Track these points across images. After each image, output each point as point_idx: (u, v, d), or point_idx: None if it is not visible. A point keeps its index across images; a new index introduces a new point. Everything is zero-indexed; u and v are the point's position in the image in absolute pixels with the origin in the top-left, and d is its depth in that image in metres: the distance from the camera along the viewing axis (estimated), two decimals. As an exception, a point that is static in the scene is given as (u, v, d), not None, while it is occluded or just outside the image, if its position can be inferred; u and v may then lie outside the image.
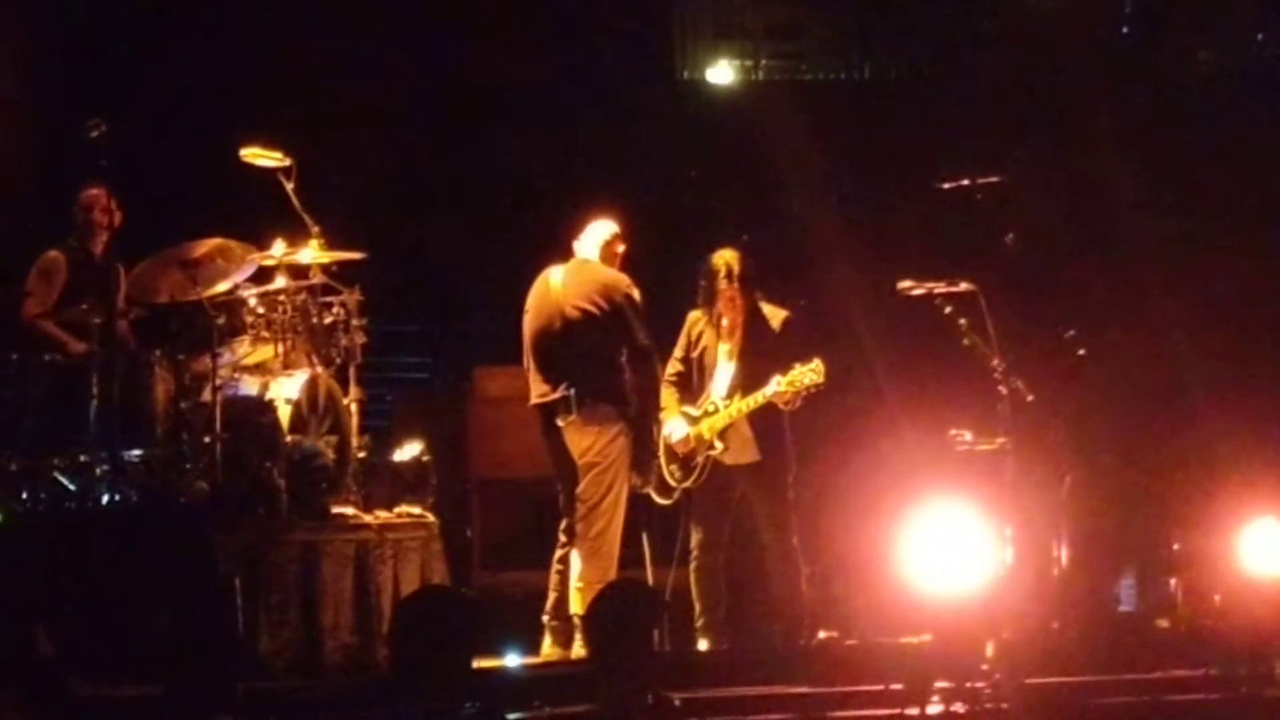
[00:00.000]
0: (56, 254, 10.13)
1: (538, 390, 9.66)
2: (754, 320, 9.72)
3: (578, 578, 9.47)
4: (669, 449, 9.74)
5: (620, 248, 9.85)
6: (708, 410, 9.68)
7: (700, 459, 9.66)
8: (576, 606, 9.38)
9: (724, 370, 9.74)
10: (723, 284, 9.66)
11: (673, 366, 9.86)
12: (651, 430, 9.69)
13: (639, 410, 9.63)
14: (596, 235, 9.84)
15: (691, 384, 9.81)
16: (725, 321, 9.72)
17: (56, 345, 9.83)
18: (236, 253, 9.76)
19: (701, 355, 9.80)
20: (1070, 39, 13.82)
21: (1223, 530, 9.67)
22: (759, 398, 9.52)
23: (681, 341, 9.88)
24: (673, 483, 9.74)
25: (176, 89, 12.39)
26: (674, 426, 9.73)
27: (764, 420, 9.59)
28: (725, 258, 9.71)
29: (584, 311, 9.60)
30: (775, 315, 9.74)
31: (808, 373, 9.43)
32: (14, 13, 12.00)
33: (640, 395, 9.62)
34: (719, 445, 9.61)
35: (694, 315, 9.87)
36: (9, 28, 11.91)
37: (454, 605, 8.34)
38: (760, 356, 9.63)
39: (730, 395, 9.64)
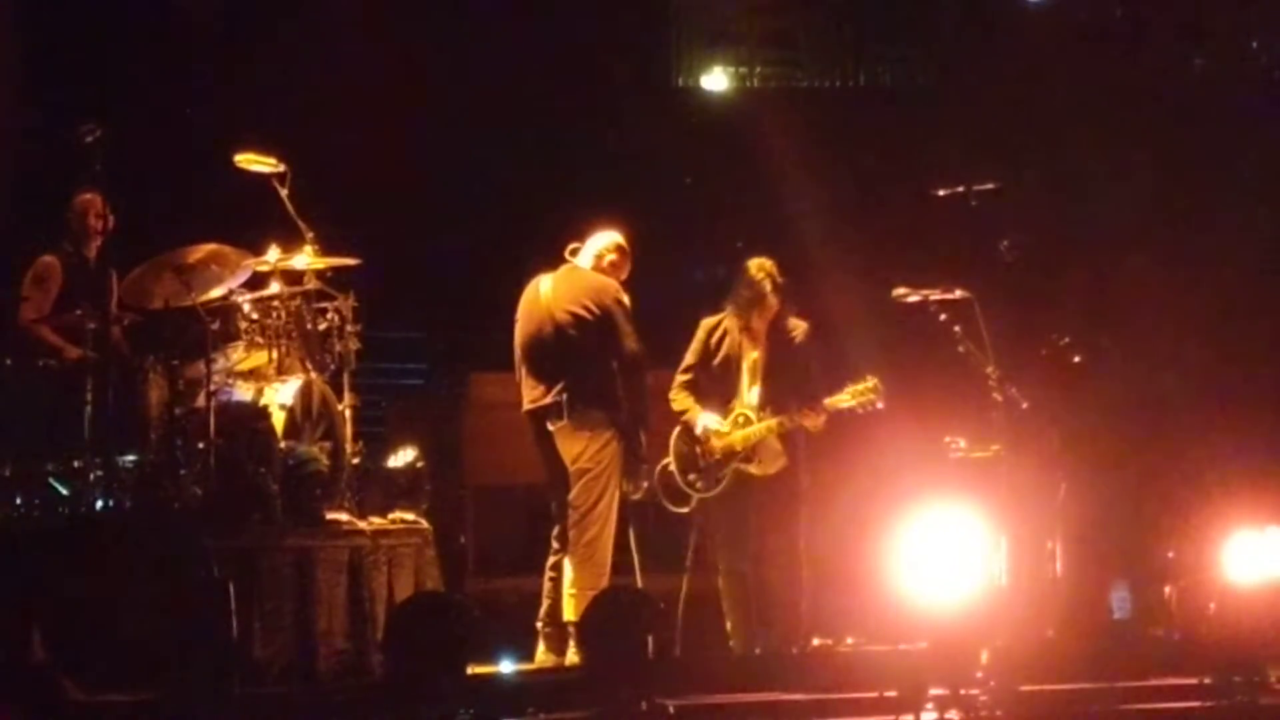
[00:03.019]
0: (51, 259, 10.11)
1: (529, 396, 9.66)
2: (778, 331, 9.79)
3: (571, 584, 9.45)
4: (688, 458, 9.75)
5: (610, 258, 9.80)
6: (739, 420, 9.71)
7: (729, 469, 9.68)
8: (570, 613, 9.37)
9: (752, 380, 9.78)
10: (769, 292, 9.71)
11: (686, 373, 9.86)
12: (641, 437, 9.65)
13: (629, 416, 9.60)
14: (593, 245, 9.85)
15: (699, 389, 9.83)
16: (753, 330, 9.76)
17: (52, 351, 9.81)
18: (231, 258, 9.73)
19: (725, 363, 9.82)
20: (1064, 46, 13.84)
21: (1217, 538, 9.66)
22: (794, 418, 9.60)
23: (696, 347, 9.89)
24: (692, 491, 9.76)
25: (171, 94, 12.38)
26: (708, 419, 9.72)
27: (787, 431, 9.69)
28: (767, 268, 9.77)
29: (574, 316, 9.60)
30: (797, 327, 9.81)
31: (868, 391, 9.57)
32: (8, 16, 12.01)
33: (629, 402, 9.59)
34: (754, 459, 9.66)
35: (710, 321, 9.90)
36: (3, 31, 11.92)
37: (448, 612, 8.34)
38: (788, 368, 9.73)
39: (762, 406, 9.68)
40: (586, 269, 9.78)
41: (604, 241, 9.85)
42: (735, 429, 9.69)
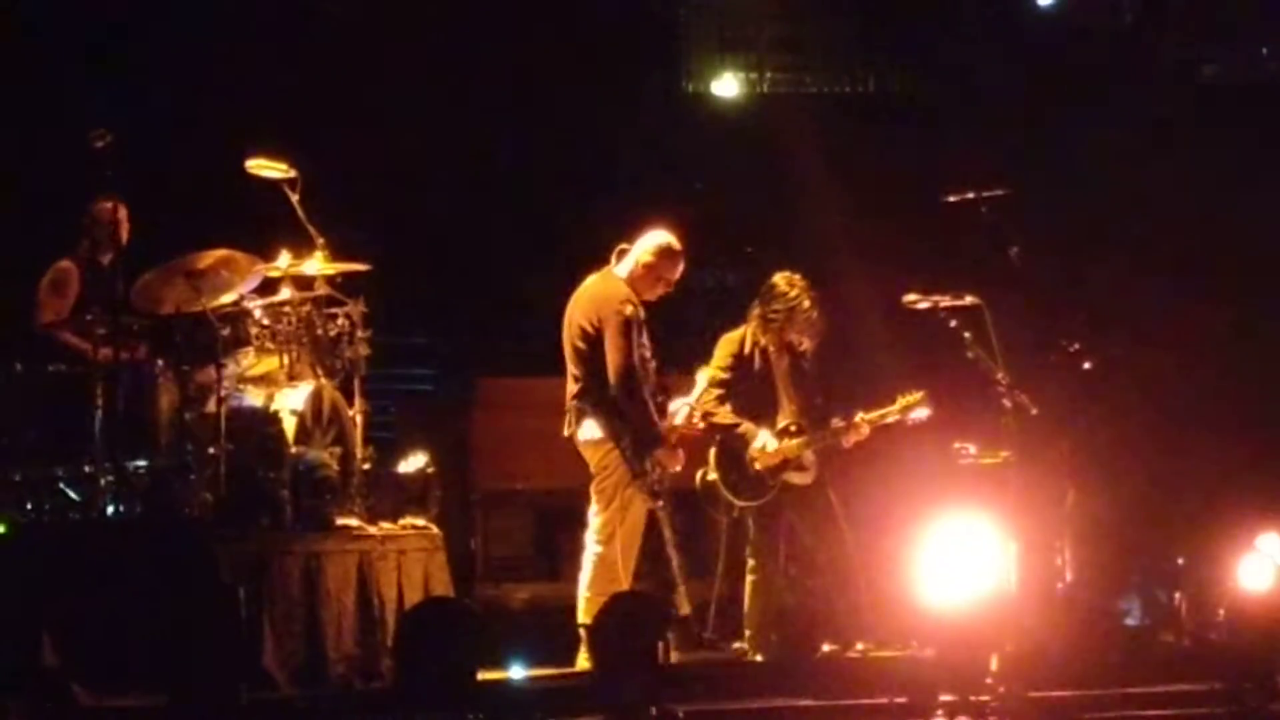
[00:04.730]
0: (68, 264, 10.12)
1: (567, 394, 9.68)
2: (790, 344, 9.94)
3: (585, 587, 9.45)
4: (736, 468, 9.81)
5: (646, 261, 9.68)
6: (790, 430, 9.80)
7: (779, 479, 9.74)
8: (584, 617, 9.37)
9: (789, 392, 9.90)
10: (809, 305, 9.83)
11: (719, 387, 9.89)
12: (641, 449, 9.57)
13: (631, 429, 9.53)
14: (637, 247, 9.76)
15: (730, 402, 9.86)
16: (783, 343, 9.88)
17: (76, 353, 9.78)
18: (242, 264, 9.74)
19: (762, 375, 9.90)
20: (1074, 52, 13.85)
21: (1228, 544, 9.67)
22: (871, 417, 9.82)
23: (728, 362, 9.93)
24: (740, 502, 9.83)
25: (182, 99, 12.40)
26: (766, 438, 9.81)
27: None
28: (797, 282, 9.90)
29: (580, 327, 9.59)
30: (801, 341, 9.97)
31: (916, 404, 9.81)
32: (19, 21, 12.03)
33: (627, 413, 9.49)
34: (803, 467, 9.80)
35: (734, 335, 9.98)
36: (14, 37, 11.94)
37: (458, 616, 8.34)
38: (811, 379, 9.92)
39: (804, 416, 9.84)
40: (616, 274, 9.72)
41: (645, 244, 9.77)
42: (787, 439, 9.78)
